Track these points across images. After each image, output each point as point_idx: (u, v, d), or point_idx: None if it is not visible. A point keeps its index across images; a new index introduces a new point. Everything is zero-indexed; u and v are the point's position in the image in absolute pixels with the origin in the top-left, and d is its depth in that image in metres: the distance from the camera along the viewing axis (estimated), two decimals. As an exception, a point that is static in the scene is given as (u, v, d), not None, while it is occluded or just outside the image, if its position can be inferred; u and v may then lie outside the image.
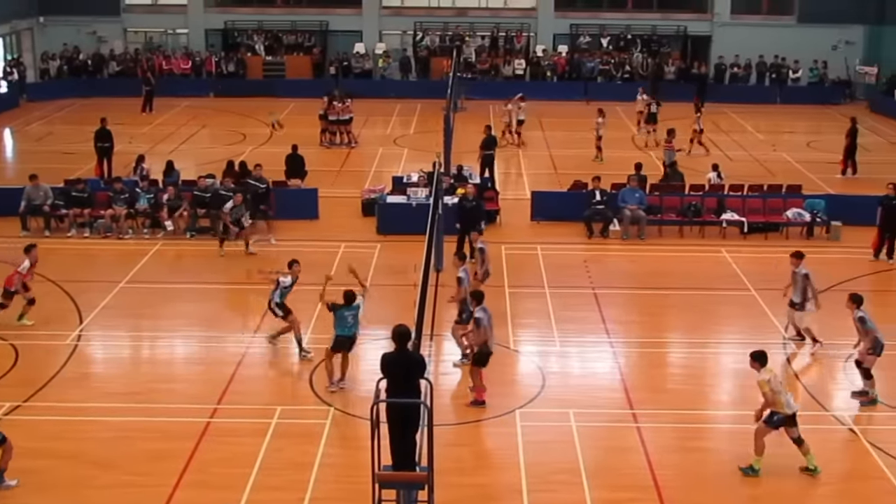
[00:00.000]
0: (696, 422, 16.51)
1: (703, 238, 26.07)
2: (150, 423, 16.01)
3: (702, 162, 32.17)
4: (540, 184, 30.38)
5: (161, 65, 48.63)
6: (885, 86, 46.48)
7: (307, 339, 19.23)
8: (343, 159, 34.37)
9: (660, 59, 49.33)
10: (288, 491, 14.14)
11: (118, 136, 32.51)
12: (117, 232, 25.64)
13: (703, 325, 20.53)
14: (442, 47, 49.59)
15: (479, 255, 20.21)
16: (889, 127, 41.18)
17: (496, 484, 14.57)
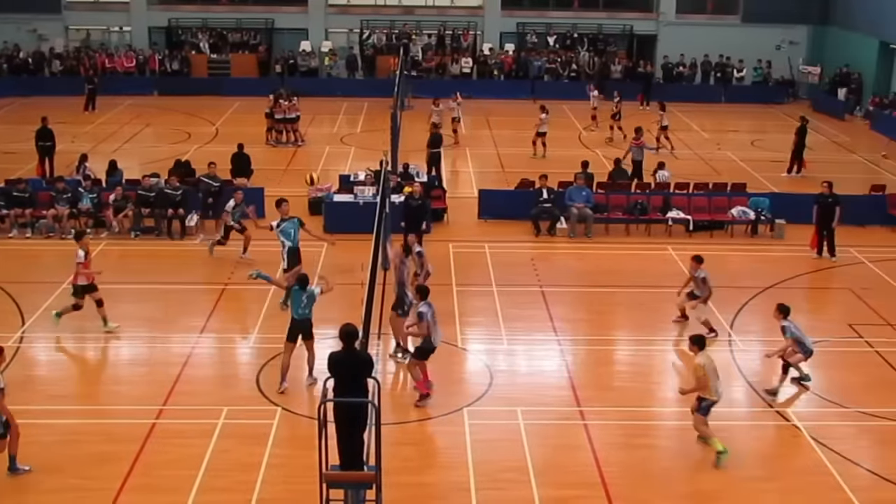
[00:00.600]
0: (643, 419, 16.63)
1: (650, 236, 26.27)
2: (95, 425, 15.83)
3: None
4: (487, 182, 30.44)
5: (104, 63, 48.03)
6: (828, 85, 47.16)
7: (254, 337, 19.17)
8: (289, 158, 34.20)
9: (606, 57, 49.63)
10: (235, 492, 14.04)
11: (60, 136, 32.11)
12: (60, 232, 25.30)
13: (650, 322, 20.67)
14: (388, 46, 49.51)
15: (416, 258, 20.15)
16: (831, 126, 41.77)
17: (444, 482, 14.57)
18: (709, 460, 15.07)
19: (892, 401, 17.25)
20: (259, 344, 19.17)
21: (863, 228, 26.75)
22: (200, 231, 25.45)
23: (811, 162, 33.27)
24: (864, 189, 29.28)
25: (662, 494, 14.40)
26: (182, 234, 25.43)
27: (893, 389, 17.78)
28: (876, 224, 27.27)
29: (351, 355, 12.00)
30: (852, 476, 14.86)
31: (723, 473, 14.79)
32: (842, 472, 14.93)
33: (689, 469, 14.96)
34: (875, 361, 18.93)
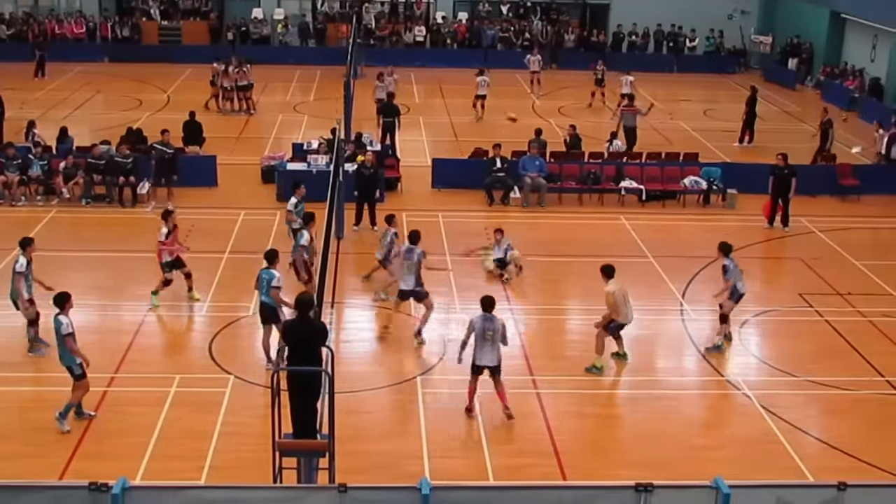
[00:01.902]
0: (595, 388, 16.79)
1: (603, 206, 26.42)
2: (45, 392, 15.75)
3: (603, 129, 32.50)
4: (440, 151, 30.42)
5: (53, 29, 47.31)
6: (780, 55, 47.49)
7: (206, 306, 19.17)
8: (242, 126, 33.95)
9: (559, 27, 49.63)
10: (187, 460, 14.03)
11: (9, 102, 31.61)
12: (10, 199, 24.99)
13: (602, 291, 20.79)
14: (341, 14, 49.17)
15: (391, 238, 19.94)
16: (782, 96, 42.13)
17: (397, 451, 14.63)
18: (656, 429, 15.24)
19: (841, 370, 17.52)
20: (211, 312, 19.10)
21: (813, 198, 27.05)
22: (152, 199, 25.23)
23: (763, 132, 33.58)
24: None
25: (613, 462, 14.59)
26: (133, 201, 25.21)
27: (842, 358, 18.05)
28: (826, 194, 27.60)
29: (305, 324, 11.98)
30: (801, 444, 15.10)
31: (672, 441, 14.98)
32: (791, 440, 15.16)
33: (640, 438, 15.15)
34: (825, 330, 19.21)
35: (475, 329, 15.25)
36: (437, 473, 13.66)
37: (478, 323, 15.22)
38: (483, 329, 15.18)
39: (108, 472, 10.01)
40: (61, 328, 14.61)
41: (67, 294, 14.96)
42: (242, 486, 9.62)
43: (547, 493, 9.44)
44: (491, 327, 15.21)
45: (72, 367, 14.73)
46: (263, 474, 11.62)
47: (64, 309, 14.74)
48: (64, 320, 14.65)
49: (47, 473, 13.51)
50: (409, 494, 8.79)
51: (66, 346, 14.67)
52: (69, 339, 14.65)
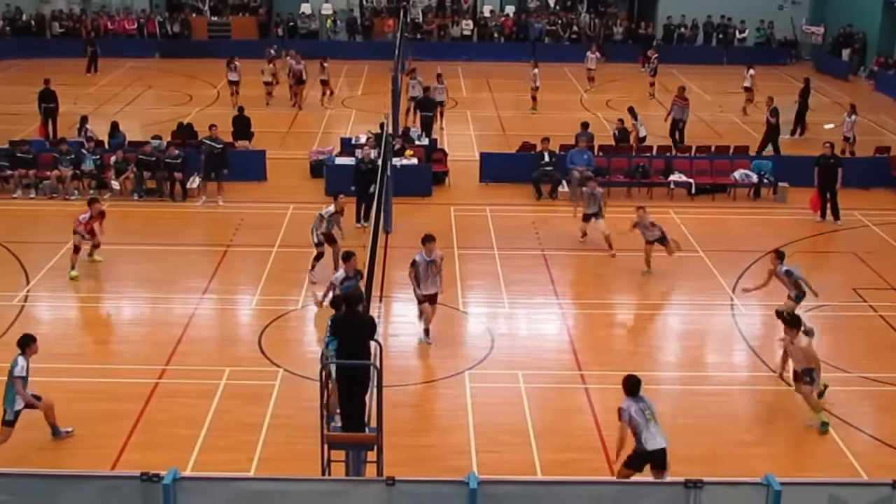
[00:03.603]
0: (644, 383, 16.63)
1: (651, 199, 26.23)
2: (98, 384, 15.92)
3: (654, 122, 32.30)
4: (488, 145, 30.39)
5: (105, 25, 47.89)
6: (831, 46, 46.92)
7: (256, 299, 19.30)
8: (290, 121, 34.11)
9: (607, 19, 49.39)
10: (237, 452, 14.13)
11: (63, 97, 32.03)
12: (63, 193, 25.34)
13: (651, 286, 20.72)
14: (388, 8, 49.26)
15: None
16: (834, 87, 41.63)
17: (444, 445, 14.64)
18: (705, 426, 15.12)
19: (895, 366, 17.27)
20: (261, 306, 19.22)
21: (867, 191, 26.73)
22: (202, 193, 25.44)
23: (814, 124, 33.16)
24: (869, 151, 29.20)
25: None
26: (183, 196, 25.43)
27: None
28: (880, 186, 27.23)
29: (354, 318, 12.03)
30: (854, 441, 14.89)
31: (722, 437, 14.85)
32: (844, 437, 14.94)
33: (689, 434, 14.96)
34: (879, 326, 18.94)
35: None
36: (484, 467, 13.66)
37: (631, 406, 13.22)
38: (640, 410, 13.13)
39: (159, 462, 10.12)
40: (15, 369, 13.70)
41: (32, 337, 14.15)
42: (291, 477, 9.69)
43: (595, 489, 9.41)
44: (647, 406, 13.24)
45: (7, 410, 13.76)
46: (312, 467, 11.68)
47: (25, 352, 13.89)
48: (21, 362, 13.77)
49: (100, 464, 13.68)
50: (457, 488, 8.79)
51: (14, 387, 13.71)
52: (19, 381, 13.72)
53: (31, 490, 8.63)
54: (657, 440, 12.77)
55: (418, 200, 25.39)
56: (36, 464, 13.35)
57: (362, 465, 11.80)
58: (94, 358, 16.94)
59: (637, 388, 13.22)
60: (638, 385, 13.25)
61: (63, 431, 14.39)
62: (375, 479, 9.85)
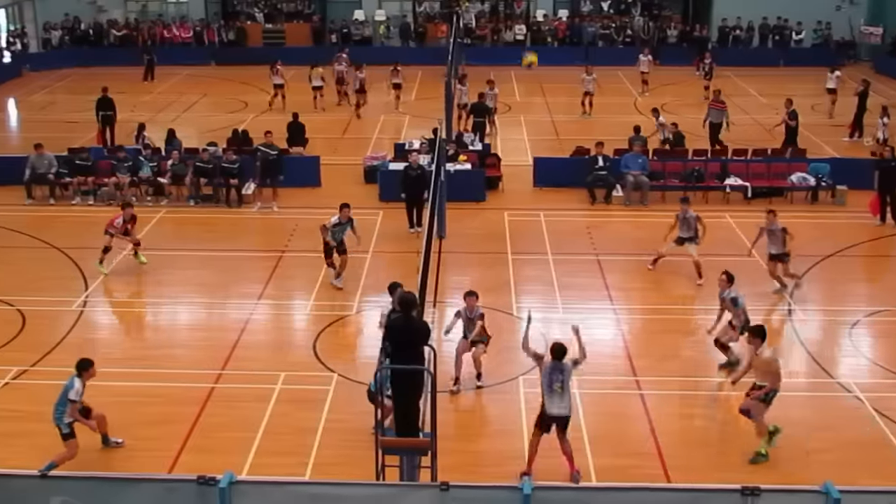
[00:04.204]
0: (699, 389, 16.55)
1: (707, 203, 25.98)
2: (155, 388, 16.10)
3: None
4: (542, 150, 30.32)
5: (161, 34, 48.50)
6: (890, 46, 46.22)
7: (311, 305, 19.40)
8: (344, 127, 34.27)
9: (661, 22, 49.10)
10: (291, 456, 14.22)
11: (120, 105, 32.47)
12: (121, 199, 25.65)
13: (707, 291, 20.49)
14: (441, 14, 49.38)
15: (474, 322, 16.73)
16: (893, 88, 40.98)
17: (498, 450, 14.62)
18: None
19: (956, 371, 16.97)
20: (316, 311, 19.34)
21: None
22: (257, 199, 25.65)
23: (872, 126, 32.65)
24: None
25: (718, 465, 14.30)
26: (239, 202, 25.65)
27: (957, 360, 17.46)
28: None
29: (408, 323, 12.03)
30: (916, 448, 14.64)
31: (781, 445, 14.64)
32: (905, 443, 14.72)
33: (746, 440, 14.83)
34: (938, 331, 18.62)
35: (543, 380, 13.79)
36: (539, 473, 13.61)
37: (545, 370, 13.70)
38: (551, 380, 13.63)
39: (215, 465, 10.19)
40: (70, 392, 13.73)
41: (90, 362, 14.11)
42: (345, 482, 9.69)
43: (650, 495, 9.32)
44: (559, 378, 13.65)
45: (60, 426, 13.82)
46: (366, 471, 11.70)
47: (81, 375, 13.90)
48: (77, 384, 13.78)
49: (157, 466, 13.82)
50: (511, 494, 8.75)
51: (66, 407, 13.76)
52: (72, 405, 13.74)
53: (91, 492, 8.73)
54: (558, 408, 13.54)
55: (472, 205, 25.40)
56: (95, 466, 13.51)
57: (416, 469, 11.80)
58: (152, 362, 17.12)
59: (560, 354, 13.60)
60: (561, 352, 13.61)
61: (113, 441, 14.51)
62: (429, 483, 9.86)
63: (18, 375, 16.59)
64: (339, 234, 20.16)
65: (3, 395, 15.98)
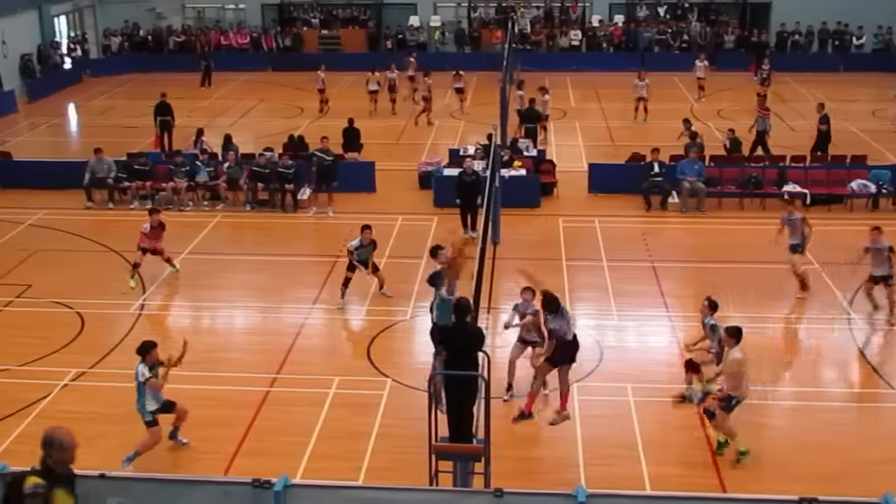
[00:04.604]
0: (755, 398, 16.30)
1: (765, 210, 25.72)
2: (211, 391, 16.22)
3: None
4: (597, 156, 30.20)
5: (219, 40, 49.00)
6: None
7: (365, 309, 19.45)
8: (399, 133, 34.36)
9: (718, 27, 48.72)
10: (345, 460, 14.26)
11: (178, 111, 32.82)
12: (178, 204, 25.97)
13: (764, 299, 20.27)
14: (496, 19, 49.37)
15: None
16: (956, 96, 40.30)
17: (553, 457, 14.57)
18: (827, 442, 14.74)
19: None
20: (370, 316, 19.39)
21: None
22: (312, 204, 25.80)
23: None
24: None
25: (775, 475, 14.12)
26: (294, 207, 25.81)
27: None
28: None
29: (462, 328, 12.03)
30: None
31: (839, 455, 14.42)
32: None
33: (804, 451, 14.62)
34: None
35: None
36: (592, 481, 13.51)
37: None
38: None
39: (270, 469, 10.26)
40: (138, 377, 13.98)
41: (152, 343, 14.25)
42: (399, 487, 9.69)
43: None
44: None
45: (143, 413, 14.10)
46: (419, 477, 11.71)
47: (145, 359, 14.02)
48: (141, 369, 13.98)
49: (212, 469, 13.93)
50: (565, 501, 8.70)
51: (144, 389, 14.01)
52: (148, 384, 13.97)
53: (148, 493, 8.80)
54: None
55: (526, 211, 25.35)
56: (152, 468, 13.62)
57: (470, 476, 11.78)
58: (208, 365, 17.24)
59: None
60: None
61: (181, 440, 14.68)
62: (483, 490, 9.82)
63: (77, 377, 16.83)
64: (364, 256, 19.80)
65: (62, 397, 16.19)
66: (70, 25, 48.95)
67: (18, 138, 34.64)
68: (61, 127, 38.69)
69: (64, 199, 26.41)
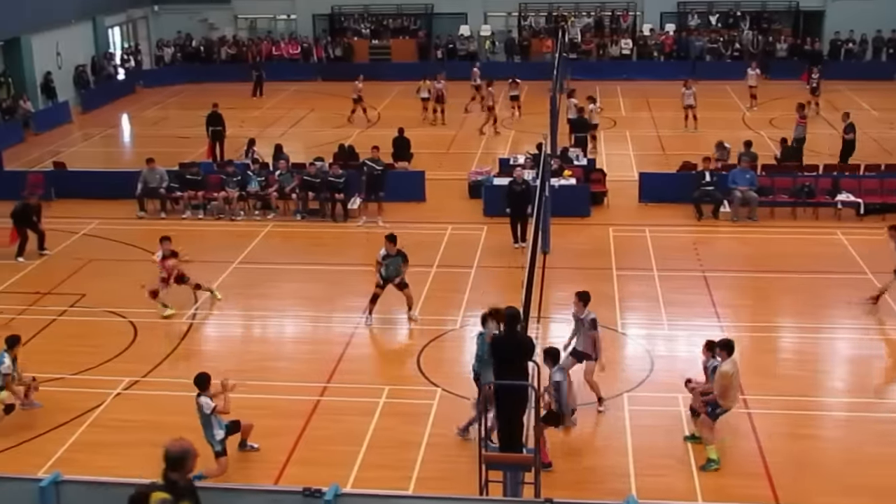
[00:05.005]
0: (809, 409, 16.16)
1: (817, 220, 25.45)
2: (261, 400, 16.29)
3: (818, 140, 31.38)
4: (648, 165, 30.04)
5: (270, 50, 49.40)
6: None
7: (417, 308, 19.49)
8: (449, 142, 34.42)
9: (770, 35, 48.31)
10: (395, 469, 14.26)
11: (229, 121, 33.13)
12: (229, 214, 26.16)
13: (817, 309, 20.06)
14: (546, 28, 49.35)
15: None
16: None
17: (603, 467, 14.48)
18: (882, 455, 14.52)
19: None
20: (420, 325, 19.39)
21: None
22: (363, 214, 25.89)
23: None
24: None
25: (829, 488, 13.91)
26: (345, 216, 25.91)
27: None
28: None
29: (512, 338, 12.02)
30: None
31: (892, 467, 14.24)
32: None
33: (859, 463, 14.41)
34: None
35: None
36: (643, 491, 13.44)
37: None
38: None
39: (320, 478, 10.30)
40: (205, 408, 13.99)
41: (208, 377, 14.28)
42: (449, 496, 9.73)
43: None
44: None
45: (212, 444, 14.04)
46: (469, 486, 11.71)
47: (205, 390, 14.12)
48: (204, 400, 14.01)
49: (263, 477, 14.01)
50: (616, 511, 8.69)
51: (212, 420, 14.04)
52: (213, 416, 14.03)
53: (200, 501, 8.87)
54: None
55: (576, 220, 25.27)
56: (204, 475, 13.73)
57: (520, 486, 11.76)
58: (259, 374, 17.35)
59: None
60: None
61: (251, 446, 14.82)
62: (533, 500, 9.81)
63: (130, 386, 17.00)
64: (392, 268, 19.23)
65: (116, 406, 16.37)
66: (123, 37, 49.63)
67: (73, 149, 35.12)
68: (114, 137, 39.19)
69: (117, 208, 26.73)
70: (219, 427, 14.08)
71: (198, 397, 14.04)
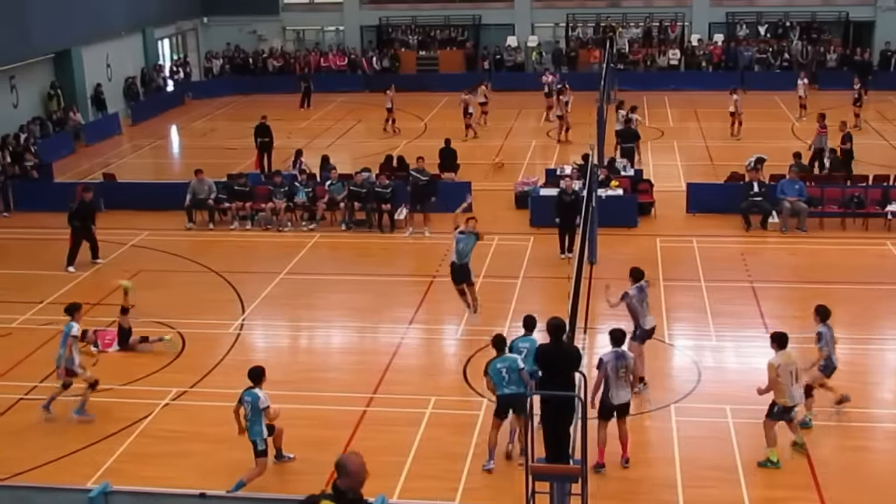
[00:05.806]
0: (859, 420, 15.97)
1: (867, 231, 25.17)
2: (308, 410, 16.39)
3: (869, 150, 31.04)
4: (695, 175, 29.87)
5: (318, 61, 49.72)
6: None
7: (461, 329, 19.45)
8: (496, 152, 34.42)
9: (820, 46, 47.90)
10: (442, 480, 14.28)
11: (277, 132, 33.36)
12: (277, 224, 26.33)
13: (867, 320, 19.84)
14: (594, 39, 49.27)
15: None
16: None
17: (650, 478, 14.41)
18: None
19: None
20: (466, 336, 19.41)
21: None
22: (409, 224, 25.95)
23: None
24: None
25: (881, 500, 13.78)
26: (391, 227, 25.99)
27: None
28: None
29: (558, 348, 12.02)
30: None
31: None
32: None
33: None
34: None
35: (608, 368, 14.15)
36: (691, 503, 13.36)
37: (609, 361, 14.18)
38: (616, 367, 14.13)
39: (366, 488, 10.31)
40: (259, 401, 14.02)
41: (262, 370, 14.41)
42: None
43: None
44: (623, 364, 14.18)
45: (256, 441, 14.14)
46: (516, 498, 11.70)
47: (260, 385, 14.27)
48: (261, 394, 14.10)
49: (310, 488, 13.97)
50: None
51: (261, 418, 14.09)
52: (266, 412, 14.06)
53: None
54: (622, 397, 14.12)
55: (623, 231, 25.18)
56: (251, 487, 13.81)
57: (567, 497, 11.73)
58: (306, 385, 17.44)
59: (619, 341, 14.26)
60: (620, 338, 14.30)
61: (286, 456, 14.86)
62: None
63: (178, 396, 17.15)
64: (463, 244, 19.31)
65: (164, 416, 16.51)
66: (173, 48, 50.20)
67: (122, 160, 35.55)
68: (163, 149, 39.61)
69: (166, 220, 27.00)
70: (265, 425, 14.17)
71: (251, 390, 14.10)
